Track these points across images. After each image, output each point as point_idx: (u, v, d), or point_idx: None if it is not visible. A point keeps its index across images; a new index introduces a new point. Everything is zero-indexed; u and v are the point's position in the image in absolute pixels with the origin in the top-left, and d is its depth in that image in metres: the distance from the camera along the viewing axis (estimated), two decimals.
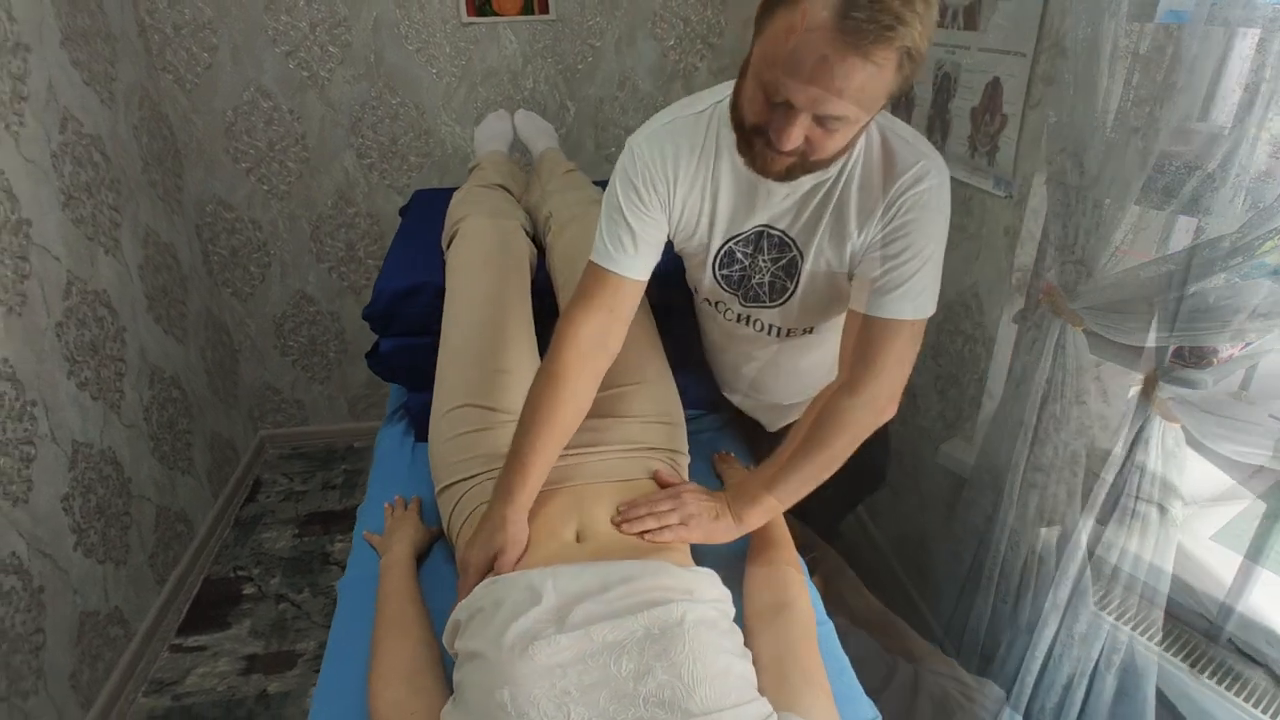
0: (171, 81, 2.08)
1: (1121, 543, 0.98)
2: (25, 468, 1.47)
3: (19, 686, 1.40)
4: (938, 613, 1.77)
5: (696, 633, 0.80)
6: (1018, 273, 1.39)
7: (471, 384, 1.15)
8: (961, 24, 1.46)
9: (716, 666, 0.77)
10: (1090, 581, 1.03)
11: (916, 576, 1.87)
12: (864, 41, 0.72)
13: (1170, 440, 0.94)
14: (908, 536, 1.91)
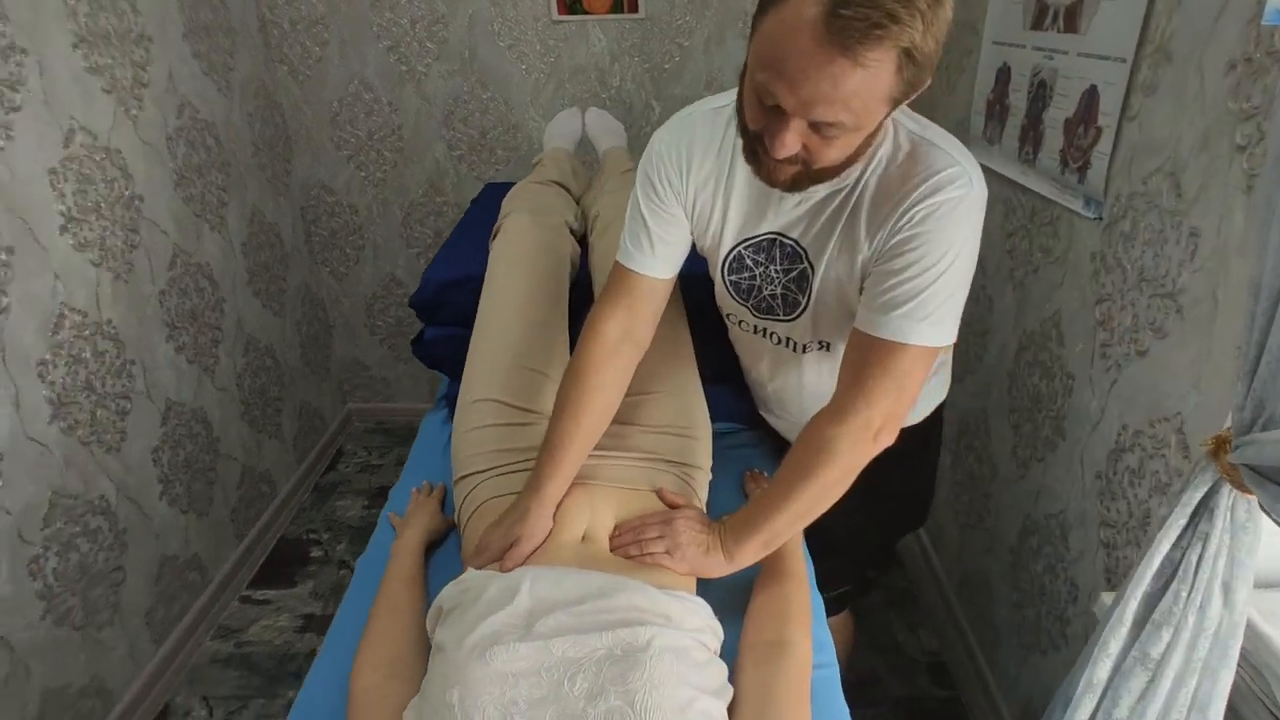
0: (286, 73, 2.23)
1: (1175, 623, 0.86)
2: (120, 420, 1.62)
3: (95, 618, 1.55)
4: (995, 664, 1.63)
5: (660, 660, 0.77)
6: (1102, 304, 1.24)
7: (495, 379, 1.17)
8: (1061, 26, 1.32)
9: (676, 699, 0.74)
10: (1137, 664, 0.90)
11: (977, 622, 1.73)
12: (852, 41, 0.67)
13: (1241, 513, 0.81)
14: (971, 578, 1.77)
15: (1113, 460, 1.21)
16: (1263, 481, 0.74)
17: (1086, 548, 1.29)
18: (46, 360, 1.43)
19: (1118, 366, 1.19)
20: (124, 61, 1.63)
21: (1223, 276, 0.97)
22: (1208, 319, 1.00)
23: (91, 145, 1.54)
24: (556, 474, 0.96)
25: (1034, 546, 1.47)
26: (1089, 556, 1.28)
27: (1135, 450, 1.15)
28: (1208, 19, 0.99)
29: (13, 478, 1.35)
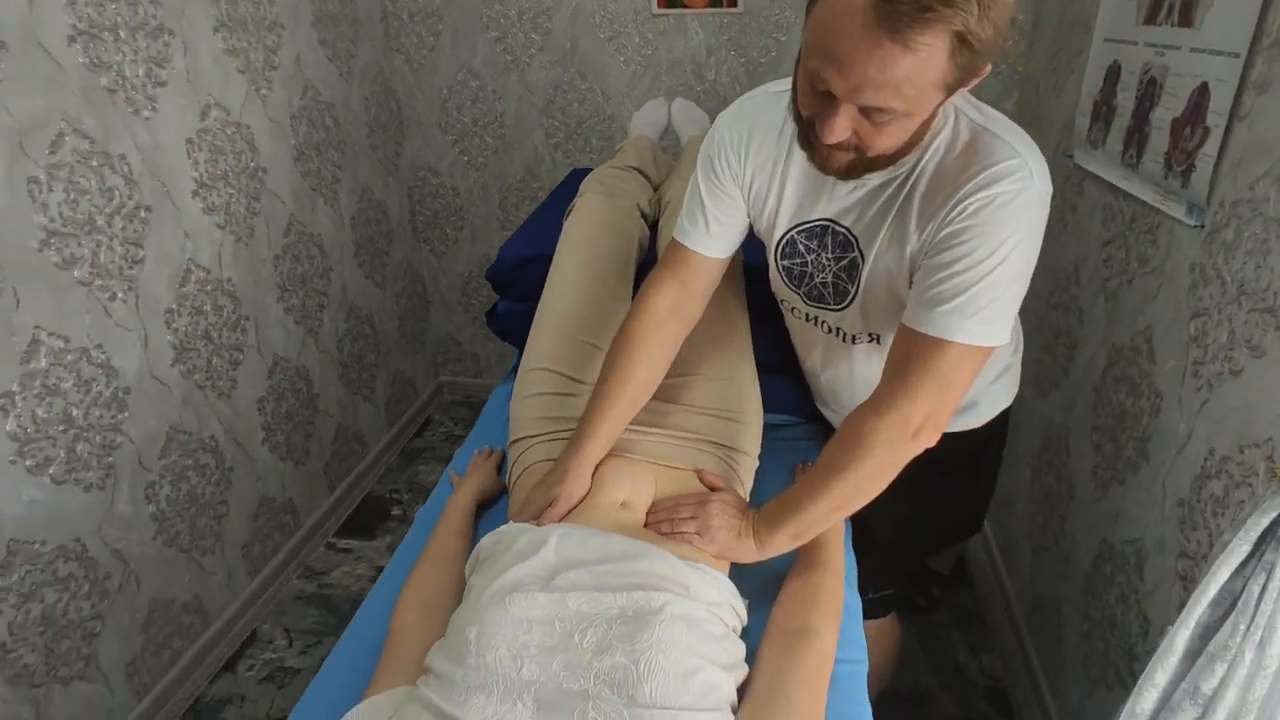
0: (402, 61, 2.38)
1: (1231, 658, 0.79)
2: (232, 369, 1.79)
3: (199, 544, 1.72)
4: (1059, 694, 1.55)
5: (671, 626, 0.79)
6: (1197, 319, 1.16)
7: (555, 349, 1.21)
8: (1175, 20, 1.23)
9: (680, 665, 0.76)
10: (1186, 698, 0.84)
11: (1044, 649, 1.64)
12: (901, 25, 0.66)
13: None
14: (1042, 604, 1.68)
15: (1196, 487, 1.12)
16: None
17: (1162, 579, 1.20)
18: (173, 309, 1.60)
19: (1209, 386, 1.11)
20: (258, 45, 1.79)
21: None
22: None
23: (224, 120, 1.71)
24: (596, 436, 1.00)
25: (1108, 574, 1.38)
26: (1164, 589, 1.19)
27: (1221, 477, 1.07)
28: None
29: (137, 411, 1.53)
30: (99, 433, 1.45)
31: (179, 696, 1.67)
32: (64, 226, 1.34)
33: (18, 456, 1.30)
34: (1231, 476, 1.04)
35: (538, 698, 0.72)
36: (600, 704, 0.72)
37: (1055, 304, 1.72)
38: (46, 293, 1.32)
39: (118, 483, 1.50)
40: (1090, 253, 1.55)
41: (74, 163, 1.35)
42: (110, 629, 1.50)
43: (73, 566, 1.42)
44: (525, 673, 0.74)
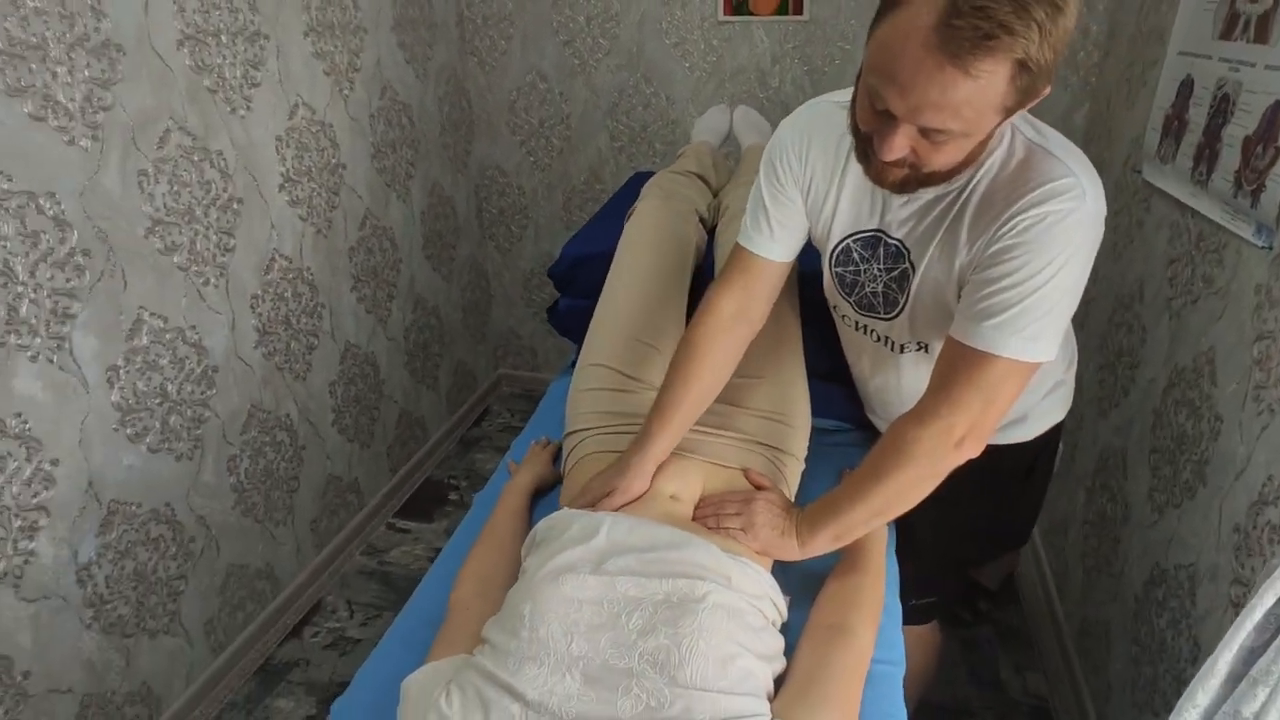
0: (475, 64, 2.47)
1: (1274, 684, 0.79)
2: (308, 353, 1.90)
3: (273, 515, 1.84)
4: (1104, 718, 1.53)
5: (713, 614, 0.83)
6: (1261, 342, 1.14)
7: (614, 347, 1.27)
8: (1251, 35, 1.21)
9: (720, 651, 0.80)
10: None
11: (1091, 672, 1.62)
12: (962, 52, 0.68)
13: None
14: (1093, 625, 1.65)
15: (1253, 513, 1.11)
16: None
17: (1214, 606, 1.19)
18: (258, 295, 1.71)
19: (1270, 411, 1.09)
20: (342, 49, 1.90)
21: None
22: None
23: (310, 119, 1.82)
24: (662, 436, 1.04)
25: (1159, 598, 1.36)
26: (1215, 616, 1.18)
27: (1279, 505, 1.05)
28: None
29: (223, 388, 1.64)
30: (190, 407, 1.57)
31: (250, 656, 1.79)
32: (167, 216, 1.46)
33: (120, 425, 1.42)
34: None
35: (585, 671, 0.78)
36: (643, 681, 0.76)
37: (1118, 322, 1.70)
38: (150, 276, 1.44)
39: (204, 454, 1.62)
40: (1155, 271, 1.53)
41: (178, 157, 1.47)
42: (193, 588, 1.63)
43: (163, 529, 1.54)
44: (574, 648, 0.80)
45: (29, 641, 1.30)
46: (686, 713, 0.74)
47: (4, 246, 1.18)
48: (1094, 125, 2.01)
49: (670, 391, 1.06)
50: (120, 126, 1.35)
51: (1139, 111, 1.69)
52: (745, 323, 1.09)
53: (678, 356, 1.08)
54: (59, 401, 1.30)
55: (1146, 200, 1.61)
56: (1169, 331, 1.44)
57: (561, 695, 0.76)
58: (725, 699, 0.76)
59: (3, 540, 1.24)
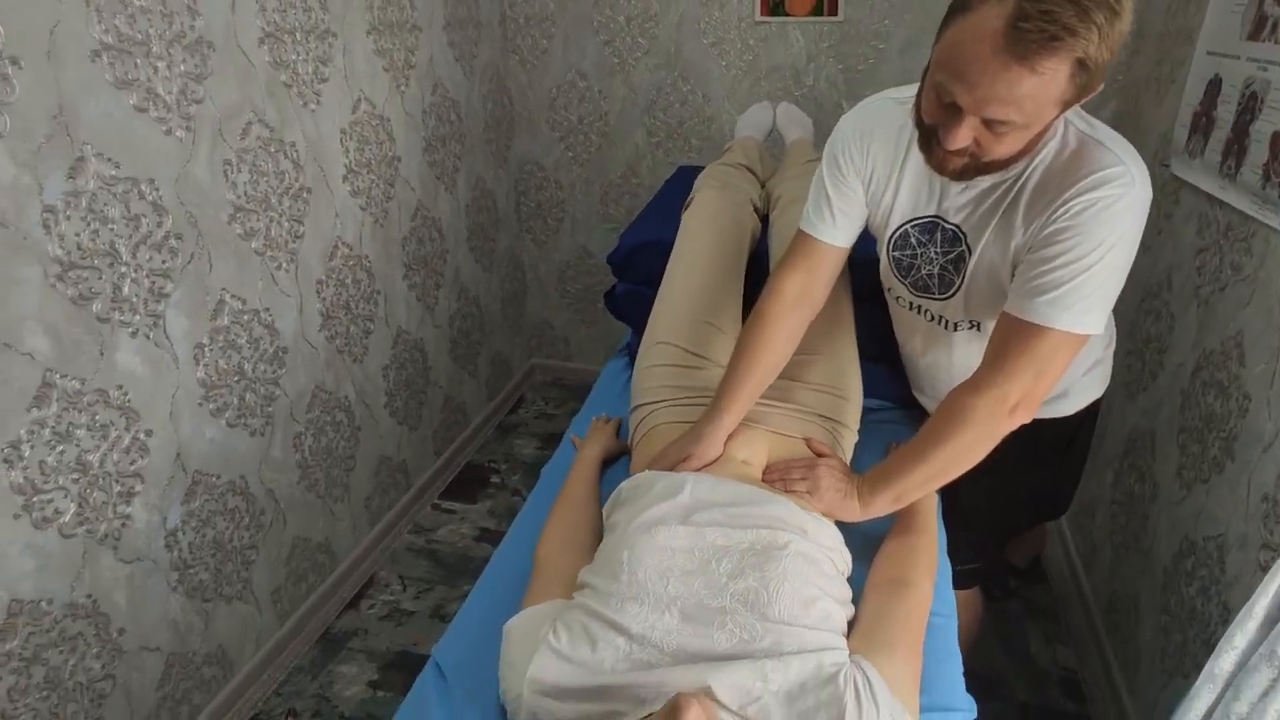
0: (517, 62, 2.56)
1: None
2: (365, 337, 1.99)
3: (332, 492, 1.93)
4: (1134, 687, 1.60)
5: (795, 561, 0.91)
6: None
7: (678, 326, 1.35)
8: (1279, 37, 1.29)
9: (803, 593, 0.88)
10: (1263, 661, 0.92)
11: (1120, 644, 1.70)
12: (1029, 52, 0.76)
13: None
14: (1121, 599, 1.73)
15: None
16: None
17: (1244, 571, 1.26)
18: (322, 280, 1.80)
19: None
20: (400, 47, 1.99)
21: None
22: None
23: (371, 113, 1.90)
24: (732, 407, 1.12)
25: (1188, 569, 1.44)
26: (1245, 580, 1.25)
27: None
28: None
29: (292, 368, 1.73)
30: (263, 385, 1.65)
31: (313, 625, 1.88)
32: (247, 203, 1.55)
33: (204, 400, 1.50)
34: None
35: (683, 609, 0.86)
36: (736, 617, 0.85)
37: (1147, 310, 1.77)
38: (232, 260, 1.53)
39: (274, 431, 1.70)
40: (1184, 260, 1.60)
41: (257, 148, 1.56)
42: (263, 558, 1.71)
43: (238, 500, 1.62)
44: (671, 589, 0.88)
45: (124, 601, 1.39)
46: (776, 645, 0.83)
47: (111, 229, 1.27)
48: (1121, 121, 2.08)
49: (739, 366, 1.14)
50: (209, 119, 1.44)
51: (1167, 108, 1.76)
52: (807, 304, 1.17)
53: (746, 334, 1.17)
54: (154, 376, 1.39)
55: (1175, 193, 1.68)
56: (1197, 318, 1.51)
57: (662, 630, 0.84)
58: (810, 633, 0.85)
59: (105, 504, 1.33)
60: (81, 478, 1.27)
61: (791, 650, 0.82)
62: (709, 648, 0.83)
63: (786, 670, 0.80)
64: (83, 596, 1.31)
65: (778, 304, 1.14)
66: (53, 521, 1.24)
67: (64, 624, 1.28)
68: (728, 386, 1.14)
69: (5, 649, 1.19)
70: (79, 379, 1.25)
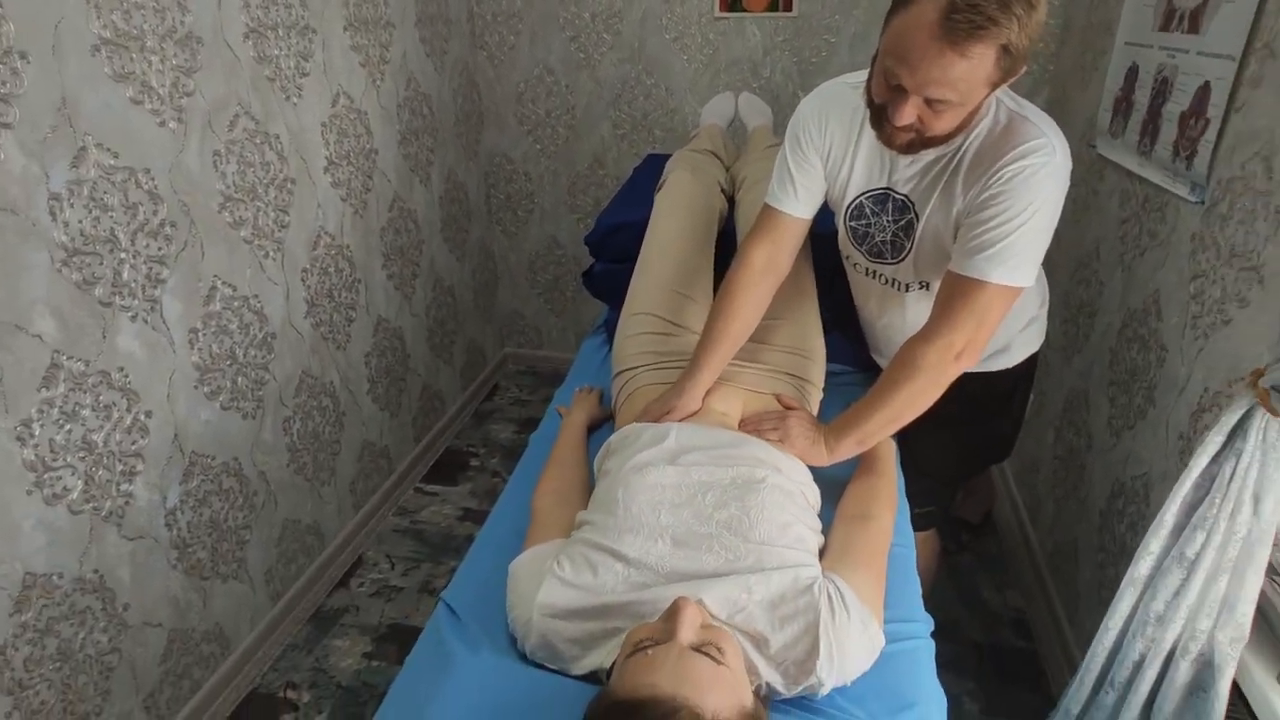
0: (485, 58, 2.64)
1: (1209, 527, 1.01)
2: (348, 325, 2.05)
3: (319, 475, 1.99)
4: (1075, 622, 1.76)
5: (772, 493, 1.02)
6: (1196, 280, 1.37)
7: (656, 297, 1.45)
8: (1185, 27, 1.45)
9: (781, 519, 1.00)
10: (1174, 563, 1.06)
11: (1062, 585, 1.86)
12: (959, 39, 0.89)
13: (1272, 433, 0.96)
14: (1063, 545, 1.89)
15: (1193, 420, 1.34)
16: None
17: None
18: (307, 268, 1.86)
19: (1205, 336, 1.32)
20: (375, 43, 2.05)
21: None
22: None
23: (349, 107, 1.97)
24: (708, 365, 1.23)
25: (1119, 509, 1.59)
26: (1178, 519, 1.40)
27: (1213, 410, 1.28)
28: None
29: (280, 354, 1.79)
30: (253, 370, 1.71)
31: (304, 604, 1.94)
32: (236, 193, 1.61)
33: (199, 383, 1.56)
34: (1221, 407, 1.26)
35: (674, 536, 0.96)
36: (722, 540, 0.95)
37: (1079, 279, 1.94)
38: (222, 247, 1.58)
39: (265, 414, 1.76)
40: (1109, 231, 1.77)
41: (244, 140, 1.62)
42: (256, 539, 1.77)
43: (232, 482, 1.68)
44: (663, 519, 0.98)
45: (128, 577, 1.44)
46: (758, 562, 0.94)
47: (110, 217, 1.32)
48: (1052, 108, 2.25)
49: (714, 329, 1.26)
50: (199, 111, 1.49)
51: (1092, 94, 1.93)
52: (774, 272, 1.29)
53: (719, 301, 1.28)
54: (152, 358, 1.44)
55: (1100, 171, 1.85)
56: (1122, 282, 1.67)
57: (656, 555, 0.95)
58: (788, 551, 0.96)
59: (109, 482, 1.38)
60: (88, 456, 1.33)
61: (772, 566, 0.93)
62: (699, 568, 0.93)
63: (768, 583, 0.91)
64: (90, 571, 1.36)
65: (747, 273, 1.25)
66: (62, 498, 1.29)
67: (74, 598, 1.33)
68: (704, 348, 1.25)
69: (21, 620, 1.24)
70: (84, 360, 1.30)
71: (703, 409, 1.23)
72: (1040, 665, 1.81)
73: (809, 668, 0.87)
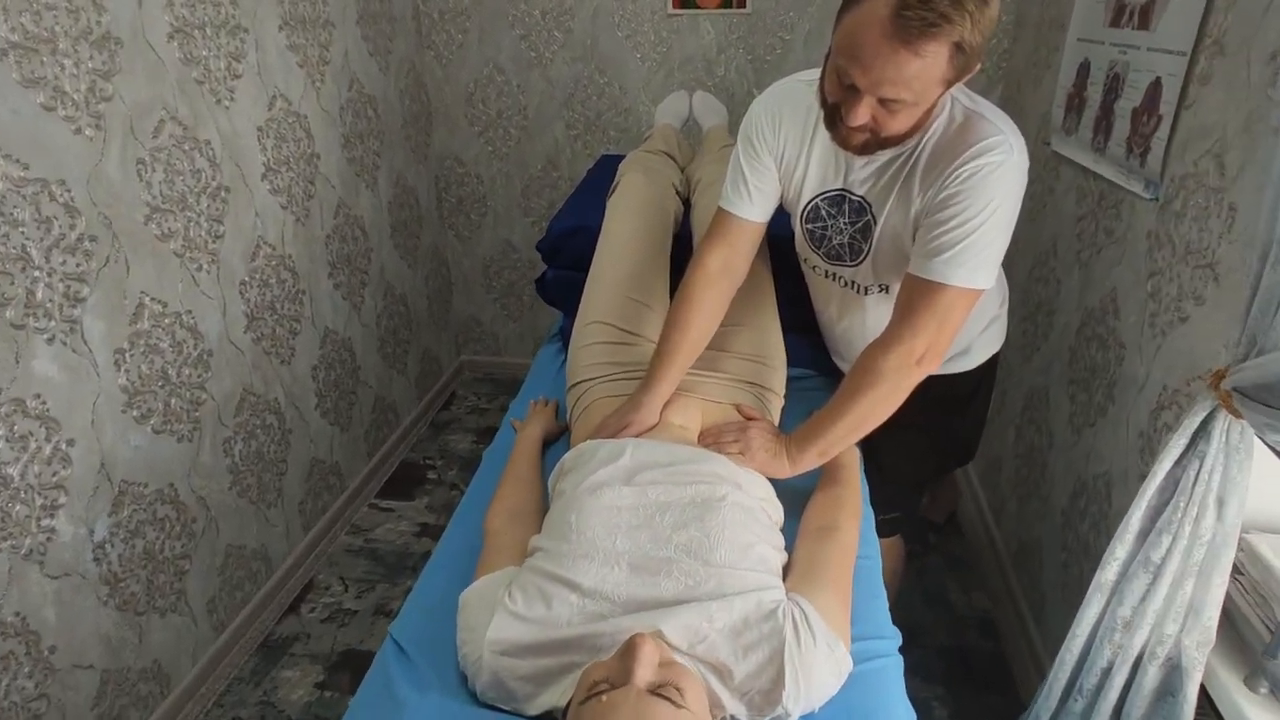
0: (432, 57, 2.55)
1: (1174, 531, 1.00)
2: (292, 338, 1.96)
3: (265, 497, 1.89)
4: (1041, 622, 1.76)
5: (733, 511, 0.98)
6: (1153, 278, 1.37)
7: (610, 306, 1.40)
8: (1136, 23, 1.44)
9: (741, 539, 0.95)
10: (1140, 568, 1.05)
11: (1028, 585, 1.86)
12: (912, 37, 0.85)
13: (1235, 436, 0.95)
14: (1027, 545, 1.89)
15: (1153, 419, 1.33)
16: (1249, 403, 0.89)
17: (1127, 501, 1.38)
18: (245, 281, 1.77)
19: (1163, 334, 1.32)
20: (313, 42, 1.96)
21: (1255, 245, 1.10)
22: (1239, 285, 1.12)
23: (287, 110, 1.88)
24: (666, 376, 1.18)
25: (1082, 507, 1.59)
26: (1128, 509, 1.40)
27: (1172, 408, 1.27)
28: (1257, 12, 1.11)
29: (218, 371, 1.70)
30: (188, 389, 1.62)
31: (250, 634, 1.84)
32: (164, 203, 1.51)
33: (127, 407, 1.46)
34: (1180, 406, 1.25)
35: (630, 562, 0.91)
36: (680, 565, 0.91)
37: (1037, 277, 1.94)
38: (150, 261, 1.49)
39: (202, 436, 1.67)
40: (1065, 229, 1.76)
41: (171, 146, 1.52)
42: (196, 568, 1.67)
43: (168, 509, 1.58)
44: (619, 544, 0.93)
45: (54, 617, 1.34)
46: (719, 588, 0.89)
47: (21, 232, 1.23)
48: (1007, 104, 2.26)
49: (670, 338, 1.21)
50: (120, 116, 1.40)
51: (1045, 91, 1.93)
52: (730, 277, 1.24)
53: (674, 308, 1.23)
54: (73, 383, 1.34)
55: (1056, 169, 1.85)
56: (1079, 280, 1.67)
57: (612, 583, 0.90)
58: (749, 575, 0.92)
59: (28, 518, 1.28)
60: (3, 491, 1.23)
61: (733, 591, 0.88)
62: (657, 595, 0.89)
63: (730, 609, 0.86)
64: (11, 615, 1.26)
65: (702, 278, 1.21)
66: None
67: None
68: (660, 358, 1.20)
69: None
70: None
71: (660, 423, 1.18)
72: (1008, 667, 1.80)
73: (775, 698, 0.82)
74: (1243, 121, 1.13)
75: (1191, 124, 1.26)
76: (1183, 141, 1.28)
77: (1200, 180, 1.23)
